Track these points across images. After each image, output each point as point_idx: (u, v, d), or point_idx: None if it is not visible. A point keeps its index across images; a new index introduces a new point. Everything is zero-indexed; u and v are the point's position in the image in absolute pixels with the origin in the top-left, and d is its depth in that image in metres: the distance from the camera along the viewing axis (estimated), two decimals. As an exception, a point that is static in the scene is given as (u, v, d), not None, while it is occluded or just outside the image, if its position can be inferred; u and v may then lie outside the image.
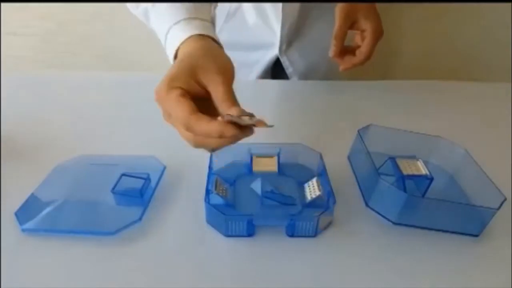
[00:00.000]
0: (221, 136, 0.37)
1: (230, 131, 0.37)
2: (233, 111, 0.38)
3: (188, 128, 0.38)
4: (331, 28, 0.68)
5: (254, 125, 0.38)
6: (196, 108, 0.38)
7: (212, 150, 0.42)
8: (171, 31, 0.47)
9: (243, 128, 0.38)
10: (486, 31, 1.33)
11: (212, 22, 0.52)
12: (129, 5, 0.57)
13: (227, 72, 0.42)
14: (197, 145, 0.40)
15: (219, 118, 0.38)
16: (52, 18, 1.34)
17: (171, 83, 0.40)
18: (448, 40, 1.36)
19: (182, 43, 0.45)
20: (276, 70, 0.89)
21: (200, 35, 0.46)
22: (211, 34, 0.47)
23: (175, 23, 0.47)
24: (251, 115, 0.38)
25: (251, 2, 0.81)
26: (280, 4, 0.78)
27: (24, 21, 1.35)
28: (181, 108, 0.38)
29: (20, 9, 1.31)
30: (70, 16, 1.34)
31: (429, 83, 0.83)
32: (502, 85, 0.83)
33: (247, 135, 0.39)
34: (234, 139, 0.39)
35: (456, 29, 1.34)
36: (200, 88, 0.41)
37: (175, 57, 0.46)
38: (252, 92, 0.78)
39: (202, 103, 0.40)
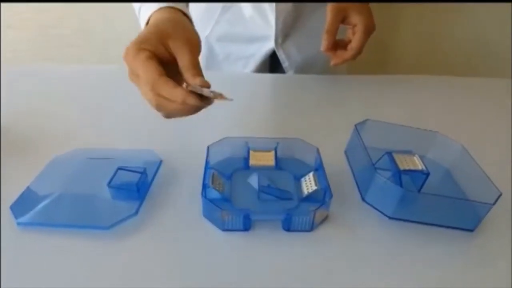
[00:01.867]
0: (183, 103, 0.40)
1: (193, 100, 0.40)
2: (197, 81, 0.41)
3: (154, 89, 0.41)
4: None
5: (214, 98, 0.42)
6: (163, 71, 0.41)
7: (169, 115, 0.44)
8: (145, 4, 0.51)
9: (203, 98, 0.41)
10: (487, 29, 1.33)
11: (187, 8, 0.56)
12: None
13: (194, 43, 0.45)
14: (158, 106, 0.42)
15: (184, 85, 0.41)
16: (50, 10, 1.33)
17: (141, 45, 0.42)
18: (447, 36, 1.36)
19: (154, 12, 0.49)
20: (272, 64, 0.89)
21: (172, 8, 0.49)
22: (183, 9, 0.50)
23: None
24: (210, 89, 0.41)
25: (243, 2, 0.81)
26: None
27: (21, 14, 1.33)
28: (150, 69, 0.41)
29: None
30: (68, 8, 1.33)
31: (426, 78, 0.83)
32: (500, 81, 0.83)
33: (206, 106, 0.42)
34: (194, 109, 0.42)
35: (456, 26, 1.34)
36: (168, 53, 0.44)
37: (147, 24, 0.50)
38: (248, 85, 0.77)
39: (168, 68, 0.42)
